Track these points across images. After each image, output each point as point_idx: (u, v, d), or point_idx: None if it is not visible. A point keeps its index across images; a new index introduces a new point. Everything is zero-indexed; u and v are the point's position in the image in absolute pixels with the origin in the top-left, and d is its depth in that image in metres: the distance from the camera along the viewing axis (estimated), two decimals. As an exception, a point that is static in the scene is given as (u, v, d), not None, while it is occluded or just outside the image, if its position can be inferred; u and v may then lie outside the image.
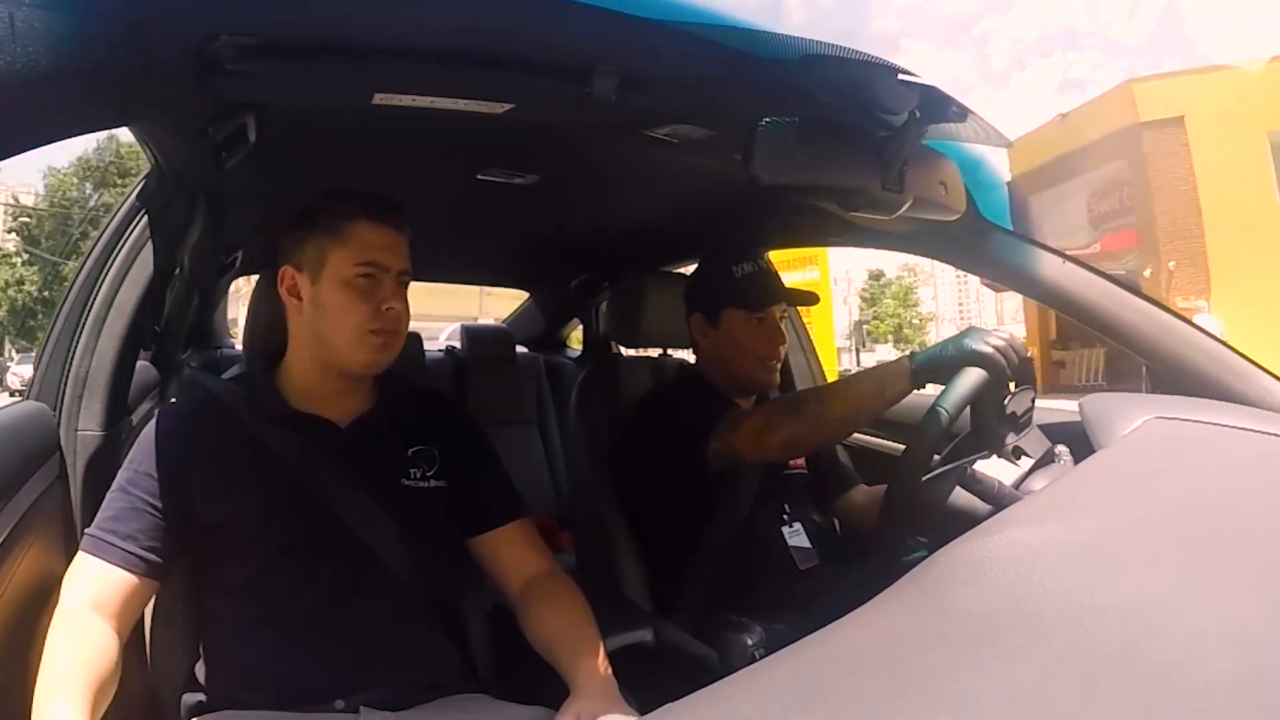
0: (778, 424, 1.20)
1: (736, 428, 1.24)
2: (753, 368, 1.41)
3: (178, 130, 0.96)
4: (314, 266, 0.97)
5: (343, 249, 0.96)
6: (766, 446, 1.22)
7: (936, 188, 1.04)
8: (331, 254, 0.96)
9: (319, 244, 0.97)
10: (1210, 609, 0.49)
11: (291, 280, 0.99)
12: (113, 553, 0.91)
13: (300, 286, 0.98)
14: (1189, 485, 0.74)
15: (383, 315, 0.96)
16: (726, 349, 1.43)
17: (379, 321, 0.96)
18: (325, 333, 0.97)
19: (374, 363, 0.98)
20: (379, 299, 0.96)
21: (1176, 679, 0.42)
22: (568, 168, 1.32)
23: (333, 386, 1.01)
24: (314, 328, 0.98)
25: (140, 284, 1.19)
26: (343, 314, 0.96)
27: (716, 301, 1.43)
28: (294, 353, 1.01)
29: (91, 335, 1.15)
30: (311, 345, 0.99)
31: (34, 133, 0.63)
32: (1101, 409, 0.95)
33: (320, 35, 0.72)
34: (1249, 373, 1.03)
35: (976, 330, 1.05)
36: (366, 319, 0.96)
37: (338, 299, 0.96)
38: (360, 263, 0.96)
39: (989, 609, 0.51)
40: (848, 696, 0.45)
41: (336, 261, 0.96)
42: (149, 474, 0.94)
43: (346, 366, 0.98)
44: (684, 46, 0.77)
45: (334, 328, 0.96)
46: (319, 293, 0.97)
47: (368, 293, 0.96)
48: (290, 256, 0.99)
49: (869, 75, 0.83)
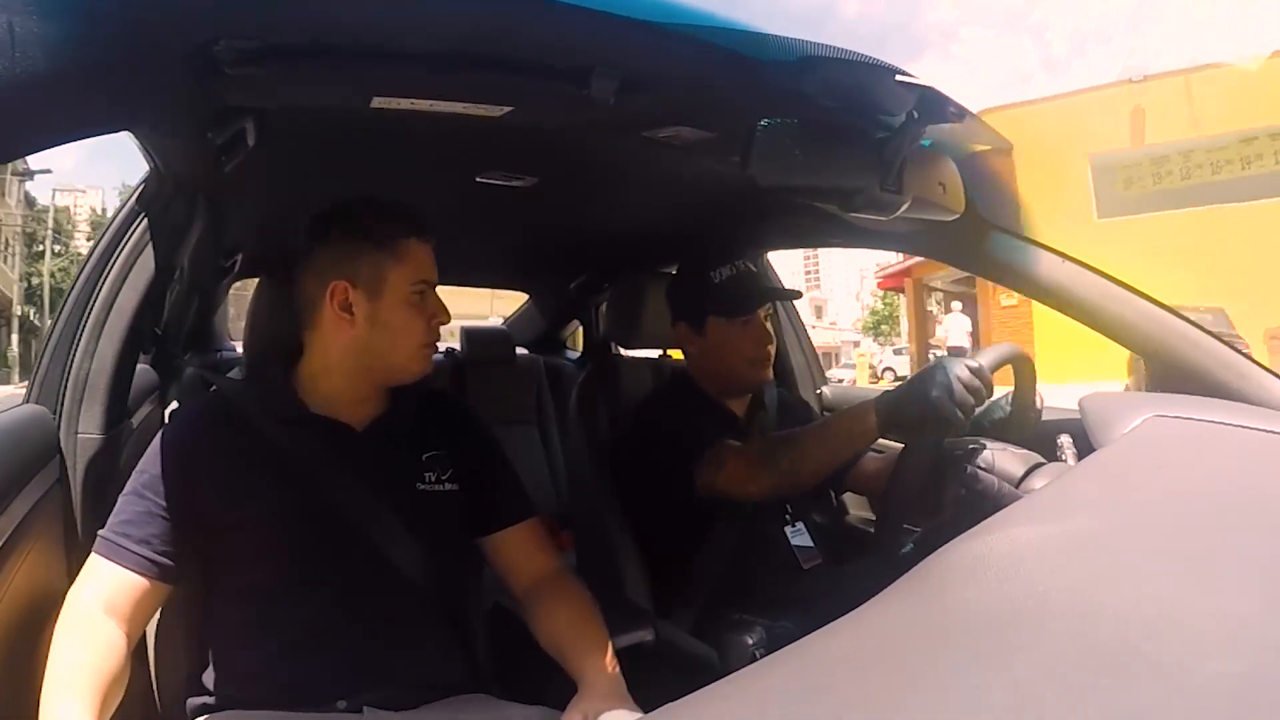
0: (755, 475, 1.20)
1: (721, 469, 1.23)
2: (744, 371, 1.41)
3: (177, 134, 0.96)
4: (372, 283, 0.97)
5: (401, 267, 0.97)
6: (749, 493, 1.23)
7: (935, 188, 1.04)
8: (391, 272, 0.97)
9: (375, 261, 0.97)
10: (1210, 608, 0.49)
11: (344, 296, 0.98)
12: (127, 556, 0.91)
13: (354, 302, 0.97)
14: (1189, 484, 0.75)
15: (434, 328, 1.00)
16: (715, 355, 1.42)
17: (432, 334, 1.00)
18: (383, 348, 0.98)
19: (424, 373, 1.02)
20: (429, 313, 0.99)
21: (1176, 678, 0.42)
22: (567, 170, 1.32)
23: (360, 393, 1.01)
24: (369, 342, 0.98)
25: (140, 287, 1.19)
26: (404, 331, 0.98)
27: (699, 310, 1.43)
28: (325, 360, 1.01)
29: (91, 338, 1.15)
30: (362, 358, 0.99)
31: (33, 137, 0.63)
32: (1101, 407, 0.95)
33: (319, 39, 0.72)
34: (1249, 371, 1.03)
35: (945, 368, 1.00)
36: (424, 334, 0.99)
37: (400, 317, 0.98)
38: (416, 281, 0.98)
39: (989, 608, 0.51)
40: (848, 696, 0.45)
41: (396, 279, 0.97)
42: (160, 476, 0.94)
43: (400, 378, 1.01)
44: (682, 49, 0.77)
45: (394, 343, 0.98)
46: (379, 309, 0.97)
47: (422, 309, 0.99)
48: (341, 271, 0.97)
49: (867, 76, 0.83)
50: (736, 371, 1.41)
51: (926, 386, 0.99)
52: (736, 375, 1.42)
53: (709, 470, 1.24)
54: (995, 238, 1.17)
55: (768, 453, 1.19)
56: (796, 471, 1.17)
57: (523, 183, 1.35)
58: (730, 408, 1.46)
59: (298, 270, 1.01)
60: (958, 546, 0.60)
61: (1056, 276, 1.14)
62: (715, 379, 1.45)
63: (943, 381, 0.98)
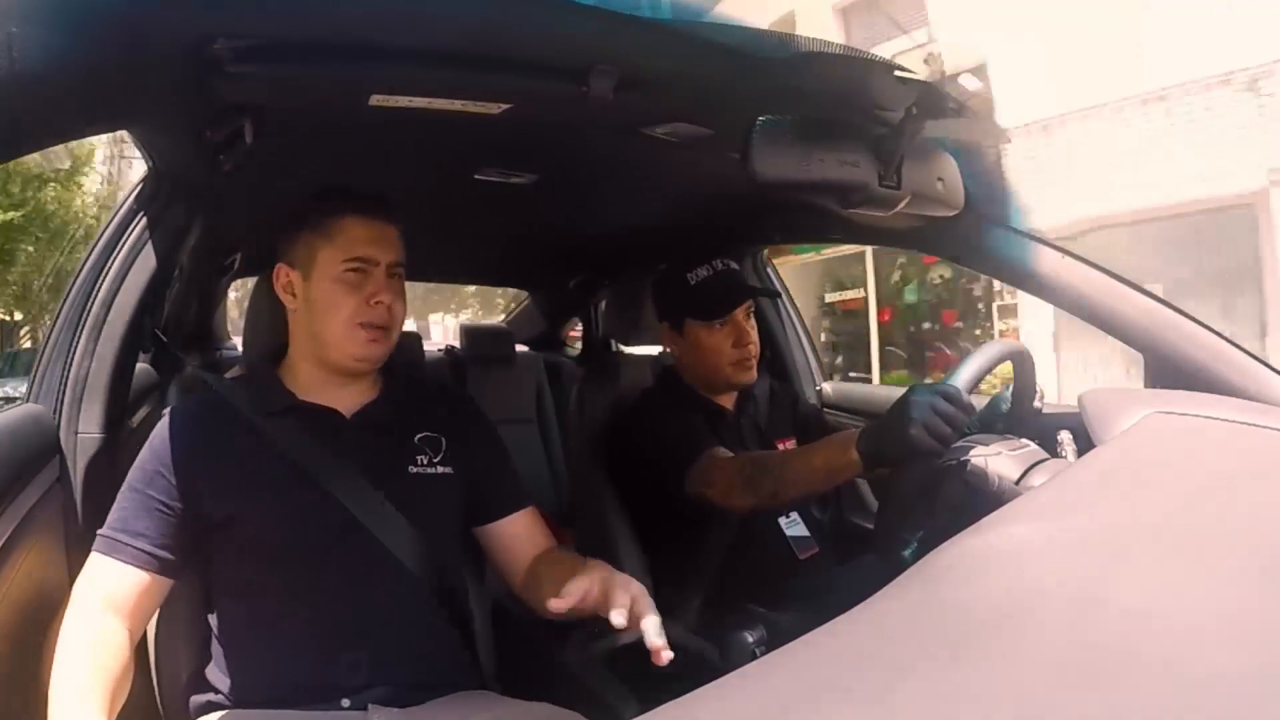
0: (739, 496, 1.20)
1: (708, 485, 1.24)
2: (725, 372, 1.41)
3: (176, 132, 0.96)
4: (305, 264, 0.99)
5: (330, 246, 0.98)
6: (731, 508, 1.23)
7: (934, 183, 1.04)
8: (320, 251, 0.98)
9: (309, 241, 0.99)
10: (1209, 604, 0.49)
11: (286, 278, 1.01)
12: (125, 551, 0.91)
13: (294, 284, 1.01)
14: (1188, 480, 0.75)
15: (371, 309, 0.98)
16: (696, 356, 1.43)
17: (366, 315, 0.98)
18: (317, 328, 0.99)
19: (364, 356, 1.00)
20: (367, 292, 0.98)
21: (1175, 674, 0.42)
22: (566, 167, 1.32)
23: (334, 381, 1.02)
24: (307, 324, 1.00)
25: (139, 286, 1.19)
26: (331, 309, 0.98)
27: (677, 312, 1.43)
28: (294, 349, 1.04)
29: (91, 337, 1.15)
30: (307, 341, 1.01)
31: (33, 136, 0.63)
32: (1101, 404, 0.95)
33: (317, 37, 0.72)
34: (1248, 366, 1.03)
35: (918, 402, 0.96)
36: (353, 312, 0.98)
37: (327, 295, 0.98)
38: (348, 259, 0.98)
39: (988, 605, 0.51)
40: (847, 693, 0.45)
41: (325, 258, 0.98)
42: (159, 472, 0.94)
43: (339, 361, 1.00)
44: (681, 45, 0.77)
45: (324, 323, 0.98)
46: (310, 289, 0.99)
47: (356, 287, 0.98)
48: (284, 255, 1.02)
49: (865, 73, 0.83)
50: (718, 373, 1.41)
51: (903, 425, 0.96)
52: (718, 376, 1.42)
53: (695, 482, 1.26)
54: (995, 233, 1.17)
55: (752, 475, 1.19)
56: (778, 496, 1.18)
57: (521, 180, 1.35)
58: (719, 403, 1.46)
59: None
60: (957, 544, 0.60)
61: (1056, 271, 1.13)
62: (700, 378, 1.45)
63: (918, 418, 0.95)
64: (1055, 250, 1.14)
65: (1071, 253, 1.13)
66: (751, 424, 1.50)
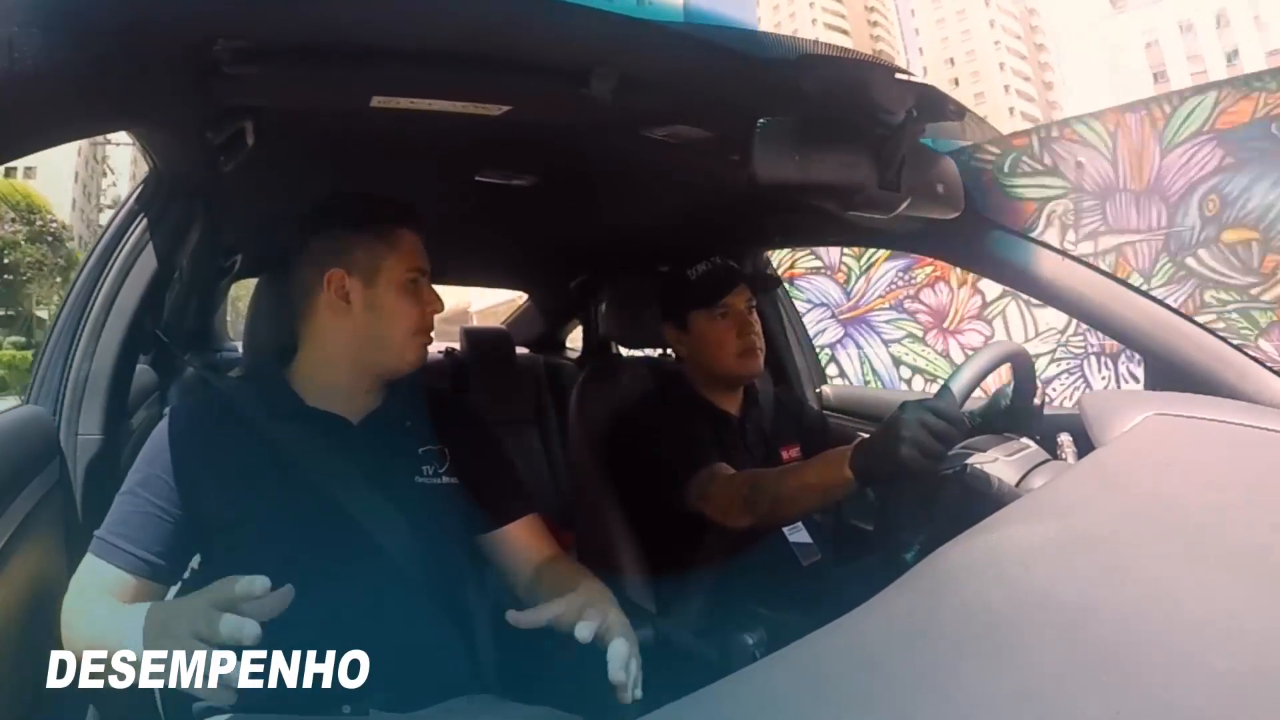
0: (735, 513, 1.21)
1: (706, 500, 1.24)
2: (732, 363, 1.41)
3: (177, 133, 0.96)
4: (367, 271, 0.99)
5: (396, 254, 0.99)
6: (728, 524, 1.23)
7: (934, 186, 1.04)
8: (385, 259, 0.99)
9: (370, 249, 0.99)
10: (1209, 605, 0.49)
11: (341, 283, 0.99)
12: (121, 557, 0.90)
13: (350, 289, 0.99)
14: (1188, 482, 0.75)
15: (428, 316, 1.01)
16: (702, 350, 1.43)
17: (426, 322, 1.01)
18: (380, 334, 0.99)
19: (419, 361, 1.02)
20: (424, 300, 1.01)
21: (1175, 675, 0.42)
22: (566, 169, 1.32)
23: (355, 386, 1.02)
24: (368, 330, 0.99)
25: (140, 287, 1.19)
26: (399, 317, 0.99)
27: (680, 306, 1.44)
28: (323, 352, 1.02)
29: (91, 338, 1.15)
30: (359, 346, 1.00)
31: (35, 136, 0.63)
32: (1101, 406, 0.95)
33: (318, 38, 0.72)
34: (1247, 369, 1.03)
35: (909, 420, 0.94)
36: (417, 321, 1.00)
37: (395, 302, 0.99)
38: (412, 268, 1.00)
39: (988, 606, 0.51)
40: (847, 694, 0.45)
41: (391, 266, 0.99)
42: (159, 476, 0.94)
43: (396, 367, 1.01)
44: (681, 48, 0.77)
45: (389, 328, 0.99)
46: (375, 296, 0.99)
47: (417, 296, 1.01)
48: (337, 260, 0.99)
49: (866, 75, 0.83)
50: (725, 365, 1.42)
51: (895, 444, 0.94)
52: (726, 368, 1.42)
53: (695, 496, 1.26)
54: (995, 236, 1.17)
55: (749, 495, 1.19)
56: (774, 515, 1.19)
57: (522, 182, 1.35)
58: (723, 407, 1.46)
59: (293, 264, 1.03)
60: (957, 545, 0.60)
61: (1056, 274, 1.14)
62: (707, 375, 1.45)
63: (909, 436, 0.93)
64: (1055, 253, 1.14)
65: (1071, 255, 1.13)
66: (756, 429, 1.49)
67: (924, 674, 0.45)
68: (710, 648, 1.21)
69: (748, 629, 1.21)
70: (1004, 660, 0.45)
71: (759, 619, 1.23)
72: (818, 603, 0.83)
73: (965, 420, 0.98)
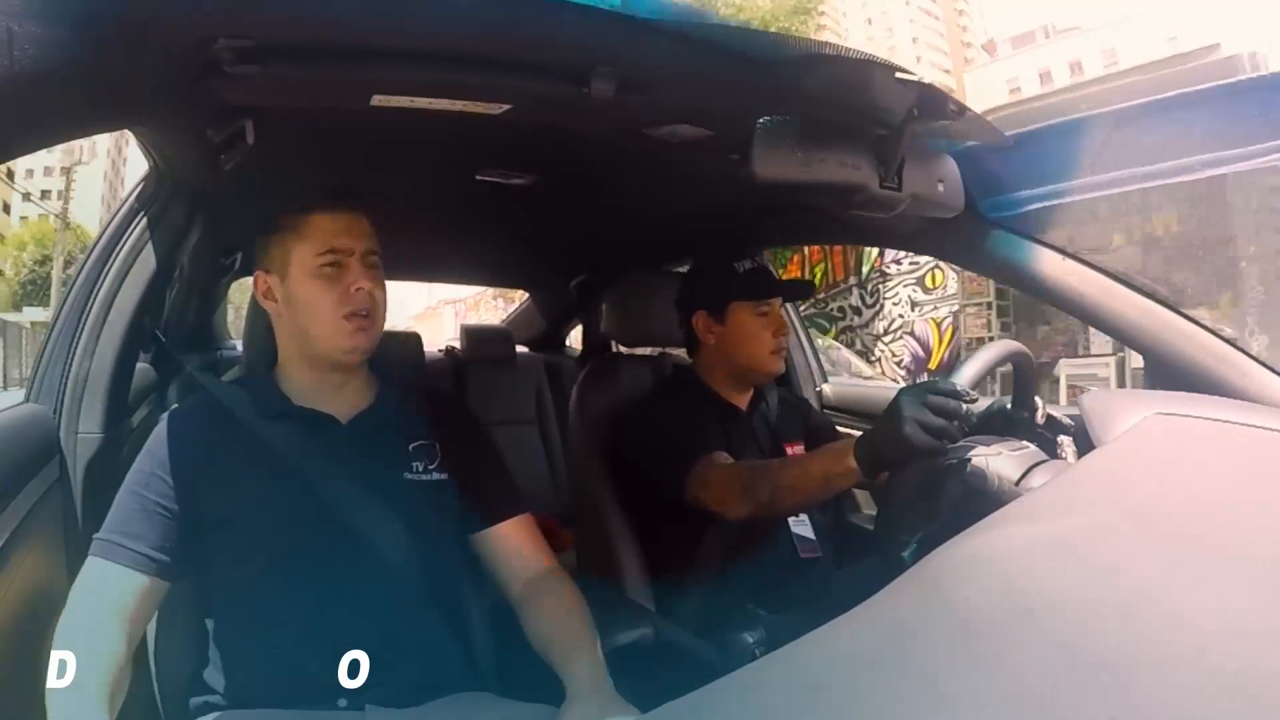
0: (735, 501, 1.21)
1: (705, 488, 1.25)
2: (763, 359, 1.43)
3: (177, 132, 0.96)
4: (281, 265, 0.99)
5: (304, 242, 0.98)
6: (727, 514, 1.24)
7: (934, 185, 1.04)
8: (294, 249, 0.99)
9: (281, 241, 1.00)
10: (1209, 606, 0.49)
11: (265, 284, 1.01)
12: (123, 555, 0.91)
13: (273, 288, 1.01)
14: (1188, 481, 0.75)
15: (352, 297, 0.98)
16: (735, 343, 1.44)
17: (350, 304, 0.98)
18: (303, 326, 0.99)
19: (353, 347, 0.99)
20: (346, 282, 0.98)
21: (1175, 675, 0.42)
22: (566, 167, 1.32)
23: (328, 382, 1.02)
24: (293, 325, 1.00)
25: (140, 286, 1.19)
26: (314, 303, 0.98)
27: (723, 296, 1.44)
28: (283, 354, 1.04)
29: (91, 337, 1.15)
30: (295, 342, 1.01)
31: (35, 135, 0.63)
32: (1101, 405, 0.95)
33: (318, 38, 0.72)
34: (1248, 368, 1.03)
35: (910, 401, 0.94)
36: (336, 303, 0.97)
37: (306, 290, 0.98)
38: (321, 251, 0.98)
39: (988, 605, 0.51)
40: (847, 693, 0.45)
41: (299, 255, 0.98)
42: (157, 474, 0.94)
43: (328, 354, 1.00)
44: (682, 47, 0.77)
45: (308, 319, 0.98)
46: (289, 289, 0.99)
47: (334, 279, 0.98)
48: (260, 261, 1.02)
49: (866, 74, 0.83)
50: (755, 359, 1.43)
51: (898, 425, 0.94)
52: (755, 363, 1.43)
53: (694, 484, 1.26)
54: (995, 235, 1.17)
55: (749, 482, 1.20)
56: (775, 504, 1.18)
57: (522, 180, 1.35)
58: (733, 401, 1.47)
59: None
60: (957, 545, 0.60)
61: (1057, 273, 1.13)
62: (730, 368, 1.46)
63: (911, 415, 0.93)
64: (1055, 252, 1.14)
65: (1071, 254, 1.13)
66: (764, 422, 1.51)
67: (922, 674, 0.45)
68: (710, 647, 1.21)
69: (748, 629, 1.21)
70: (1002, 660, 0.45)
71: (759, 618, 1.24)
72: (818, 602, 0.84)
73: (966, 395, 0.98)
